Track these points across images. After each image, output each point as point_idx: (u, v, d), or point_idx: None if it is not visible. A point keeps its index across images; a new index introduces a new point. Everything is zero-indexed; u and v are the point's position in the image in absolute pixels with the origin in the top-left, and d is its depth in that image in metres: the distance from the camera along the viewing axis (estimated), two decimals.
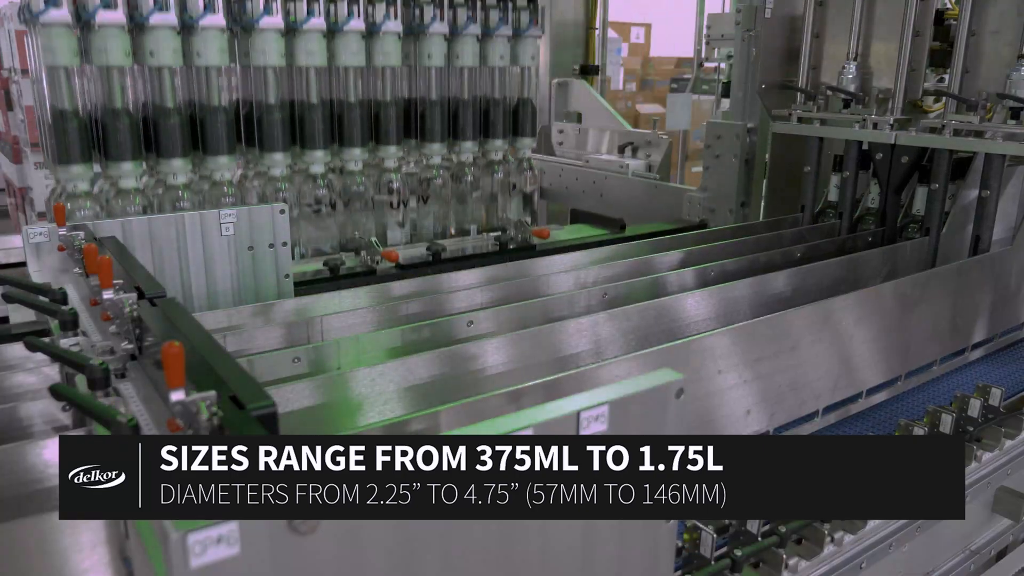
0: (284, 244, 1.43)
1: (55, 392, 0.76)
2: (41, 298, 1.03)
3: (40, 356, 1.07)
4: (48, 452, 0.80)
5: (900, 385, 1.55)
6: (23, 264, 1.27)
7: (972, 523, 1.31)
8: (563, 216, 3.07)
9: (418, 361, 1.06)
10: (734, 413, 1.24)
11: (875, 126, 1.86)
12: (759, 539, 0.96)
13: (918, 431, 1.20)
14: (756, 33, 2.10)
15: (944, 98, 1.83)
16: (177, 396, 0.59)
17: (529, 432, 0.55)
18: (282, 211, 1.52)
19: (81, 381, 0.78)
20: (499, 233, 2.08)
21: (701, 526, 0.93)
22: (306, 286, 1.61)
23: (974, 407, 1.30)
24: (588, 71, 3.26)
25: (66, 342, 0.93)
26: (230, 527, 0.42)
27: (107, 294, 0.89)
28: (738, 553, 0.94)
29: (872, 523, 1.09)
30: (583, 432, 0.58)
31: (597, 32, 3.40)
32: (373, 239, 1.85)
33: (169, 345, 0.59)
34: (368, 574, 0.51)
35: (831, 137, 1.97)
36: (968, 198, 1.85)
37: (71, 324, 0.95)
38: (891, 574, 1.16)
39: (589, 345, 1.22)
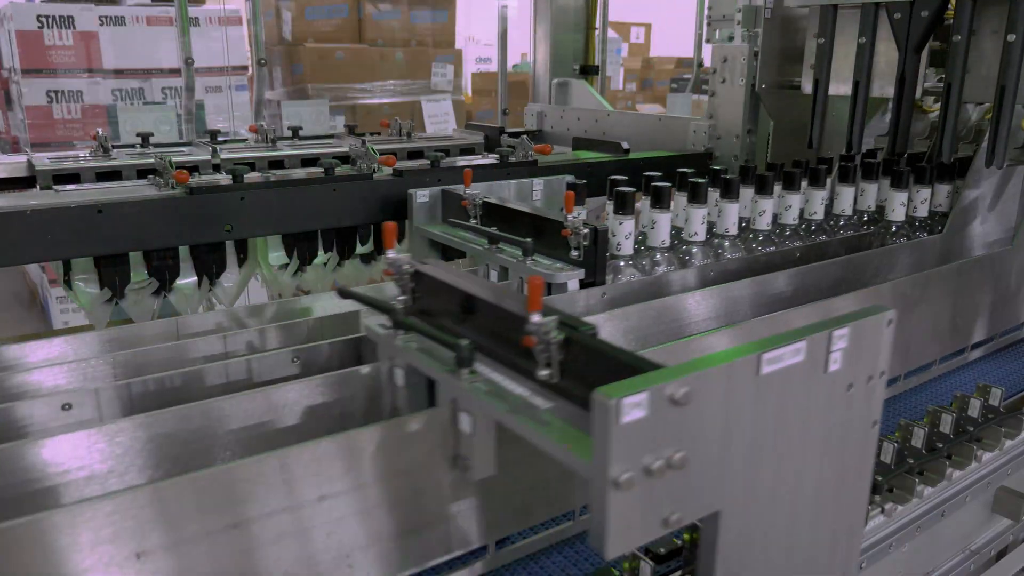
0: None
1: (340, 291, 1.04)
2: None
3: (40, 356, 1.07)
4: (48, 452, 0.81)
5: (900, 385, 1.55)
6: None
7: (972, 523, 1.31)
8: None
9: None
10: None
11: None
12: None
13: (918, 431, 1.20)
14: None
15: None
16: (536, 318, 0.76)
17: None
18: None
19: None
20: (501, 148, 2.08)
21: (700, 526, 0.93)
22: (299, 187, 1.69)
23: (974, 407, 1.30)
24: (588, 71, 3.26)
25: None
26: (641, 396, 0.62)
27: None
28: None
29: (872, 523, 1.09)
30: (832, 350, 0.75)
31: (597, 32, 3.39)
32: (370, 145, 1.85)
33: (534, 277, 0.78)
34: (733, 438, 0.70)
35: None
36: (968, 198, 1.85)
37: (530, 251, 1.33)
38: (891, 574, 1.16)
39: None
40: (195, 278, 1.69)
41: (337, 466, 0.83)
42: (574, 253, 1.30)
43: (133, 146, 2.18)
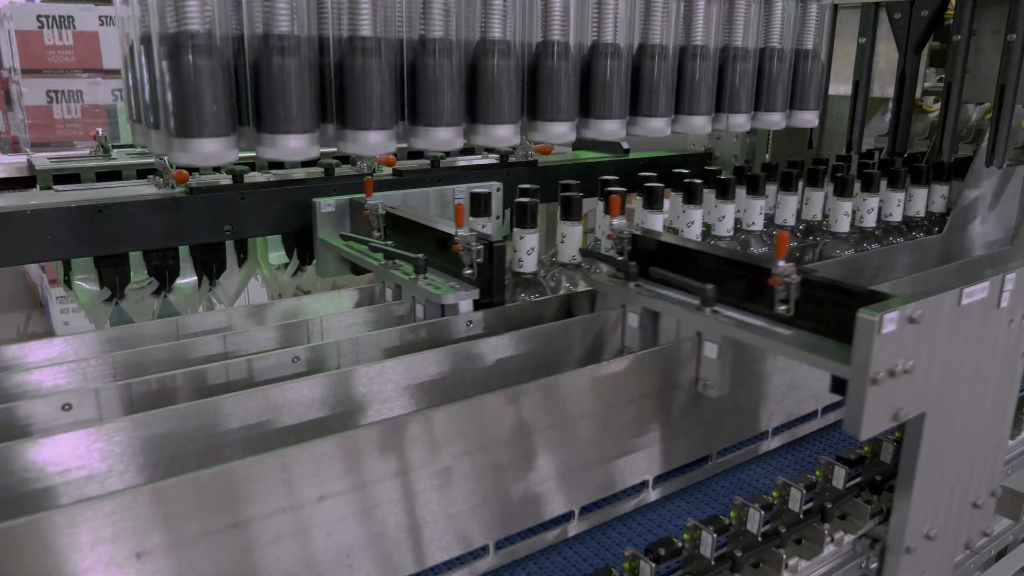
0: None
1: (582, 252, 1.35)
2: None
3: (40, 356, 1.07)
4: (48, 451, 0.80)
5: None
6: None
7: None
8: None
9: (417, 360, 1.06)
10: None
11: None
12: (759, 539, 0.96)
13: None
14: None
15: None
16: (782, 264, 1.00)
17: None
18: (498, 189, 1.57)
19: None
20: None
21: (701, 526, 0.93)
22: (300, 184, 1.69)
23: None
24: None
25: (423, 282, 1.26)
26: (894, 314, 0.84)
27: None
28: (738, 553, 0.94)
29: (872, 523, 1.09)
30: (1004, 290, 0.98)
31: None
32: None
33: (782, 231, 1.01)
34: (940, 352, 0.92)
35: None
36: (968, 198, 1.85)
37: (423, 267, 1.24)
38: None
39: (588, 344, 1.22)
40: (195, 278, 1.69)
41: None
42: (467, 271, 1.22)
43: (133, 146, 2.18)
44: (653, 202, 1.45)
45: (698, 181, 1.53)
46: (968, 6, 1.75)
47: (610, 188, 1.41)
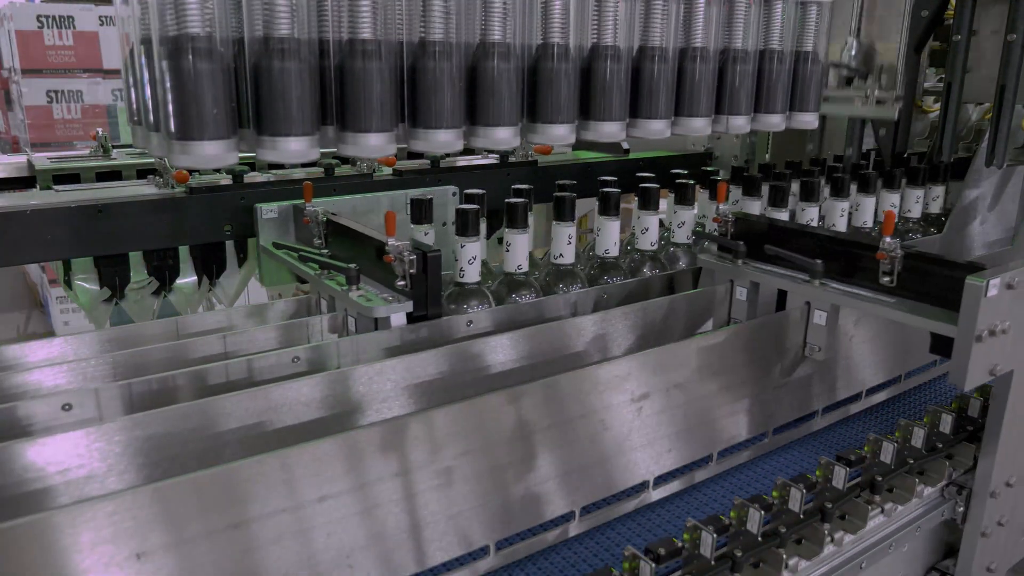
0: None
1: (697, 234, 1.50)
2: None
3: (40, 356, 1.07)
4: (48, 451, 0.81)
5: (900, 385, 1.55)
6: None
7: None
8: None
9: (416, 360, 1.06)
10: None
11: (879, 102, 1.83)
12: (759, 539, 0.96)
13: (918, 431, 1.20)
14: None
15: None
16: (888, 240, 1.15)
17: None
18: (453, 194, 1.61)
19: None
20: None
21: (701, 526, 0.93)
22: (299, 185, 1.62)
23: (974, 407, 1.30)
24: None
25: (354, 294, 1.15)
26: (997, 280, 1.01)
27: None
28: (738, 553, 0.94)
29: (872, 523, 1.09)
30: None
31: None
32: None
33: (889, 212, 1.17)
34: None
35: (833, 115, 1.95)
36: (968, 198, 1.85)
37: (355, 278, 1.18)
38: (891, 574, 1.16)
39: (588, 344, 1.23)
40: (195, 278, 1.69)
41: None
42: (400, 283, 1.15)
43: (133, 146, 2.18)
44: (648, 203, 1.44)
45: (690, 182, 1.51)
46: (968, 6, 1.75)
47: (463, 207, 1.26)
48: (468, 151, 2.45)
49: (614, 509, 1.10)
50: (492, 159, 2.07)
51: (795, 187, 1.59)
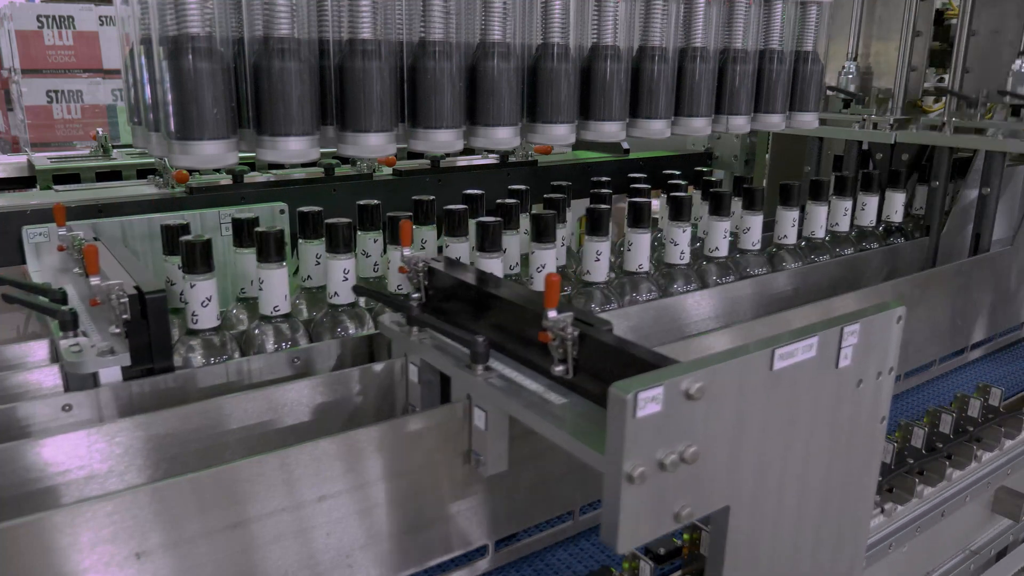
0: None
1: (355, 289, 1.13)
2: (41, 298, 1.04)
3: (40, 356, 1.07)
4: (48, 452, 0.81)
5: (900, 385, 1.55)
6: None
7: (972, 523, 1.31)
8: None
9: None
10: None
11: (875, 126, 1.86)
12: None
13: (918, 431, 1.20)
14: None
15: (944, 97, 1.83)
16: (552, 315, 0.79)
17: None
18: (281, 211, 1.53)
19: None
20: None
21: (701, 526, 0.93)
22: (299, 185, 1.66)
23: (974, 407, 1.30)
24: None
25: (65, 343, 0.93)
26: (657, 391, 0.63)
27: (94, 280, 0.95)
28: None
29: (872, 523, 1.09)
30: (843, 346, 0.76)
31: None
32: None
33: (551, 275, 0.79)
34: (745, 433, 0.71)
35: (831, 137, 1.97)
36: (968, 198, 1.85)
37: (71, 324, 0.96)
38: (891, 574, 1.16)
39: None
40: None
41: (338, 466, 0.83)
42: (114, 329, 0.94)
43: (133, 146, 2.18)
44: (639, 220, 1.37)
45: (685, 194, 1.46)
46: (968, 6, 1.75)
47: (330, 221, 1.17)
48: (468, 151, 2.45)
49: None
50: (492, 159, 2.07)
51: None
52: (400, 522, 0.88)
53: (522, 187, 1.46)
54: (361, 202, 1.25)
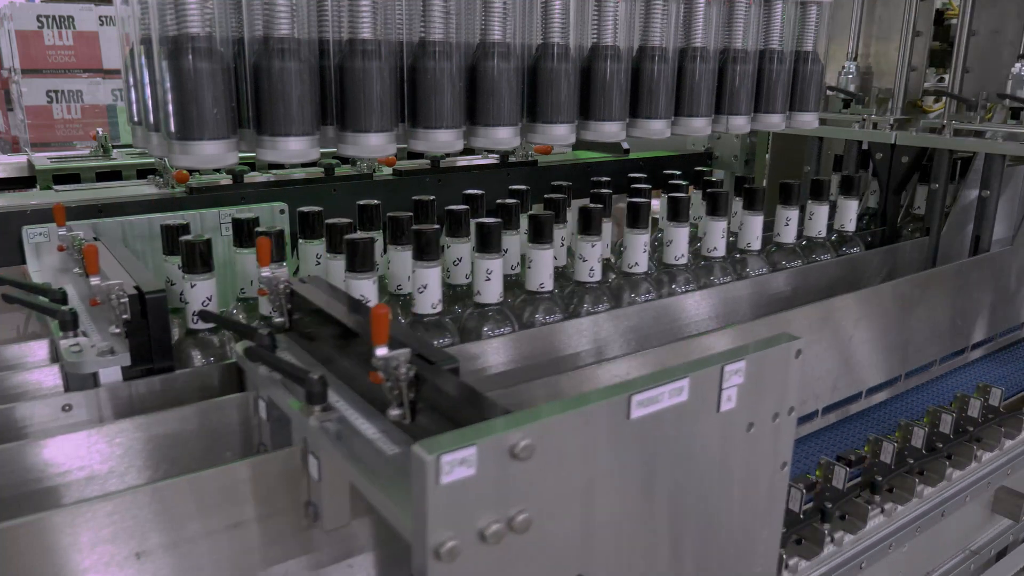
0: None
1: (201, 314, 1.01)
2: (41, 298, 1.04)
3: (40, 355, 1.07)
4: (48, 452, 0.81)
5: (900, 385, 1.55)
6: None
7: (972, 523, 1.31)
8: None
9: None
10: None
11: (875, 126, 1.86)
12: None
13: (918, 431, 1.20)
14: None
15: (944, 98, 1.83)
16: (381, 352, 0.66)
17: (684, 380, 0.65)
18: (281, 211, 1.53)
19: None
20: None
21: None
22: (299, 185, 1.65)
23: (974, 407, 1.30)
24: None
25: (65, 343, 0.93)
26: (469, 451, 0.52)
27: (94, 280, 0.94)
28: None
29: (872, 523, 1.09)
30: (725, 387, 0.67)
31: None
32: None
33: (379, 306, 0.67)
34: (597, 492, 0.62)
35: (831, 137, 1.97)
36: (968, 198, 1.85)
37: (71, 324, 0.96)
38: (891, 574, 1.16)
39: (589, 345, 1.22)
40: None
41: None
42: (114, 329, 0.95)
43: (133, 146, 2.18)
44: (637, 221, 1.37)
45: (683, 195, 1.46)
46: (968, 6, 1.75)
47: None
48: (468, 151, 2.45)
49: None
50: (492, 159, 2.07)
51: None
52: None
53: (522, 187, 1.46)
54: (361, 202, 1.26)
